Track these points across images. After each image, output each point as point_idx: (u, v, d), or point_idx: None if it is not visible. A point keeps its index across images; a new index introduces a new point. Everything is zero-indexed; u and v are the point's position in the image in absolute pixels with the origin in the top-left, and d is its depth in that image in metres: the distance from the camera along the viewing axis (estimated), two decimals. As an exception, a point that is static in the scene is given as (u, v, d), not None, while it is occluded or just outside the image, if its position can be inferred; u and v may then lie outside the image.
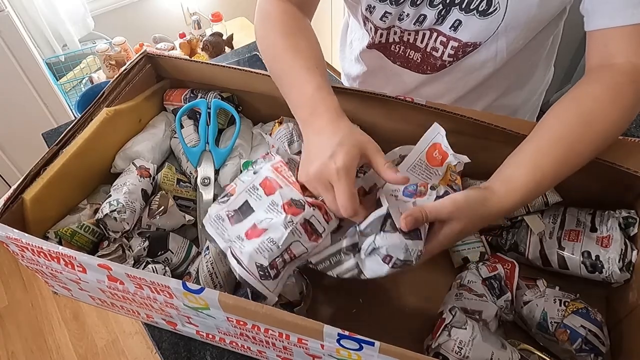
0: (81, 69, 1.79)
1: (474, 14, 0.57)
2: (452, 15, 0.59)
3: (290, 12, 0.63)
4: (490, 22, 0.57)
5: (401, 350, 0.39)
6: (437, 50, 0.64)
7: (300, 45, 0.59)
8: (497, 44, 0.61)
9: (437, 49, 0.64)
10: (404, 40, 0.67)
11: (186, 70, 0.76)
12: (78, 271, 0.49)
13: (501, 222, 0.65)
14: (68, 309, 1.70)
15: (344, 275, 0.48)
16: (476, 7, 0.57)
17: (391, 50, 0.70)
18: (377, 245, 0.45)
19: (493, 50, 0.62)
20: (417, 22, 0.62)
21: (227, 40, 1.77)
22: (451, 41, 0.62)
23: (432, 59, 0.66)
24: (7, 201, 0.53)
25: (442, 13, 0.59)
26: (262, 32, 0.63)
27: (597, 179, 0.62)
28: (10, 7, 1.48)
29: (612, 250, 0.56)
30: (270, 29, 0.62)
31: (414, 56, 0.68)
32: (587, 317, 0.53)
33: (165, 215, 0.61)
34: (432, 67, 0.67)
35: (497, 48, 0.61)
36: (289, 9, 0.63)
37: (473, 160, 0.68)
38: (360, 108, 0.68)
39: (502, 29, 0.58)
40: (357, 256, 0.47)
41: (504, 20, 0.56)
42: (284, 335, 0.45)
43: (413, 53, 0.67)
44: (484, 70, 0.66)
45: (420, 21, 0.62)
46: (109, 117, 0.65)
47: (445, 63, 0.65)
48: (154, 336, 0.62)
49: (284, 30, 0.60)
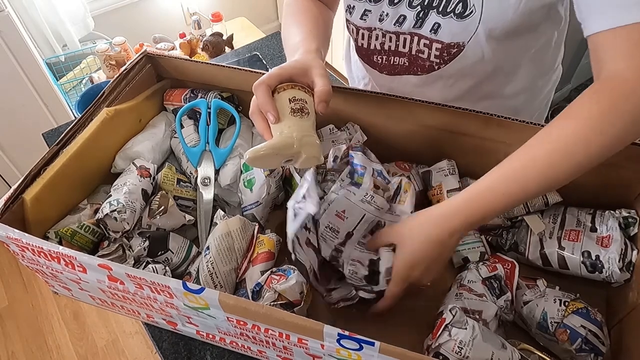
0: (81, 69, 1.79)
1: (451, 17, 0.59)
2: (431, 18, 0.60)
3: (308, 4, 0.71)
4: (468, 24, 0.58)
5: (401, 350, 0.39)
6: (422, 53, 0.65)
7: (300, 18, 0.68)
8: (482, 46, 0.61)
9: (422, 52, 0.65)
10: (385, 49, 0.67)
11: (186, 70, 0.76)
12: (78, 271, 0.50)
13: (501, 222, 0.65)
14: (68, 309, 1.70)
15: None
16: (452, 9, 0.58)
17: (374, 61, 0.71)
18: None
19: (479, 52, 0.62)
20: (397, 22, 0.63)
21: (227, 40, 1.76)
22: (434, 43, 0.62)
23: (420, 60, 0.66)
24: (8, 201, 0.53)
25: (421, 16, 0.60)
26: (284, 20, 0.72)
27: (597, 179, 0.62)
28: (10, 7, 1.48)
29: (612, 250, 0.56)
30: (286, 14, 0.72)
31: (399, 61, 0.68)
32: (587, 317, 0.53)
33: (166, 215, 0.61)
34: (422, 68, 0.67)
35: (482, 50, 0.62)
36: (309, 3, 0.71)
37: (473, 160, 0.68)
38: (360, 108, 0.68)
39: (481, 30, 0.58)
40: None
41: (482, 22, 0.57)
42: (284, 335, 0.45)
43: (398, 59, 0.68)
44: (475, 74, 0.66)
45: (400, 22, 0.62)
46: (109, 117, 0.65)
47: (433, 64, 0.65)
48: (154, 336, 0.62)
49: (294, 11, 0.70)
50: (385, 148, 0.72)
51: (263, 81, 0.54)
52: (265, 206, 0.66)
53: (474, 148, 0.66)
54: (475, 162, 0.68)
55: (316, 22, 0.68)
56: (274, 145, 0.51)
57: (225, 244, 0.58)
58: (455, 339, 0.49)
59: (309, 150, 0.53)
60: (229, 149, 0.70)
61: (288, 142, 0.52)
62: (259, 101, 0.54)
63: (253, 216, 0.65)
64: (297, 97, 0.54)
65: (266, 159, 0.53)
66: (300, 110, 0.53)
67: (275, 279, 0.55)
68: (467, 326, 0.49)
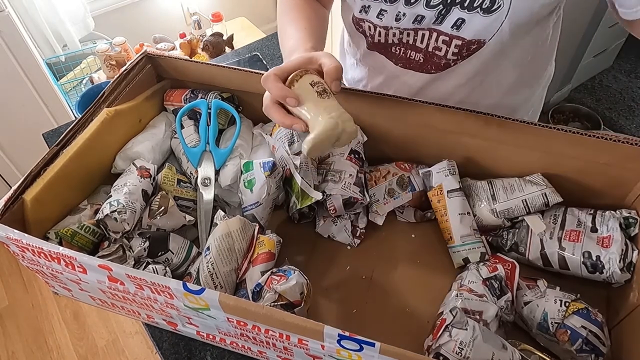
0: (81, 69, 1.79)
1: (477, 12, 0.58)
2: (453, 14, 0.59)
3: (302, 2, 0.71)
4: (494, 19, 0.57)
5: (401, 351, 0.39)
6: (440, 50, 0.64)
7: (296, 15, 0.68)
8: (502, 41, 0.61)
9: (440, 48, 0.64)
10: (403, 42, 0.67)
11: (186, 71, 0.76)
12: (78, 272, 0.49)
13: (501, 223, 0.65)
14: (68, 309, 1.70)
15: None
16: (480, 4, 0.57)
17: (391, 52, 0.70)
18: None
19: (498, 47, 0.62)
20: (416, 21, 0.62)
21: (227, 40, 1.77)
22: (454, 39, 0.62)
23: (435, 58, 0.66)
24: (8, 201, 0.53)
25: (442, 13, 0.59)
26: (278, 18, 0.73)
27: (598, 179, 0.62)
28: (10, 7, 1.48)
29: (612, 251, 0.56)
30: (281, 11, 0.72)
31: (415, 57, 0.68)
32: (587, 318, 0.53)
33: (166, 215, 0.61)
34: (437, 67, 0.67)
35: (502, 45, 0.61)
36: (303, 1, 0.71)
37: (473, 160, 0.68)
38: (360, 108, 0.68)
39: (506, 25, 0.58)
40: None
41: (508, 16, 0.57)
42: (285, 336, 0.45)
43: (414, 54, 0.67)
44: (489, 67, 0.66)
45: (419, 20, 0.62)
46: (109, 117, 0.65)
47: (449, 62, 0.65)
48: (155, 336, 0.62)
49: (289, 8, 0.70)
50: (385, 148, 0.72)
51: (269, 73, 0.52)
52: (266, 207, 0.66)
53: (474, 148, 0.66)
54: (475, 162, 0.68)
55: (309, 21, 0.68)
56: (325, 129, 0.51)
57: (226, 244, 0.58)
58: (455, 340, 0.49)
59: (349, 126, 0.53)
60: (229, 150, 0.70)
61: (333, 123, 0.52)
62: (273, 91, 0.52)
63: (253, 216, 0.65)
64: (315, 80, 0.53)
65: (320, 146, 0.53)
66: (324, 92, 0.53)
67: (275, 279, 0.55)
68: (467, 327, 0.49)
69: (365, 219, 0.68)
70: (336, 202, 0.64)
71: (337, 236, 0.68)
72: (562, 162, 0.62)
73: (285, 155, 0.67)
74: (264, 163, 0.65)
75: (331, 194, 0.64)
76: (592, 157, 0.60)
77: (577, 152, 0.60)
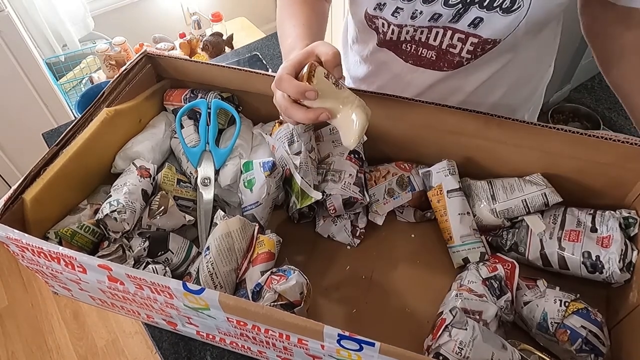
0: (81, 69, 1.79)
1: (496, 11, 0.58)
2: (471, 12, 0.59)
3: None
4: (514, 19, 0.57)
5: (401, 351, 0.39)
6: (454, 47, 0.64)
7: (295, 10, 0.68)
8: (517, 40, 0.61)
9: (454, 46, 0.64)
10: (416, 39, 0.66)
11: (186, 71, 0.76)
12: (78, 271, 0.49)
13: (501, 223, 0.65)
14: (68, 309, 1.70)
15: None
16: (500, 4, 0.57)
17: (402, 49, 0.69)
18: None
19: (510, 46, 0.62)
20: (432, 19, 0.62)
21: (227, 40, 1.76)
22: (470, 37, 0.62)
23: (449, 55, 0.65)
24: (7, 201, 0.53)
25: (460, 11, 0.59)
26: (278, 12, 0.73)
27: (597, 179, 0.62)
28: (10, 7, 1.48)
29: (612, 251, 0.56)
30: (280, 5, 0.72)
31: (427, 54, 0.67)
32: (587, 318, 0.53)
33: (166, 215, 0.61)
34: (450, 64, 0.67)
35: (514, 44, 0.61)
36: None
37: (473, 160, 0.68)
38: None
39: (523, 24, 0.58)
40: None
41: (527, 16, 0.57)
42: (284, 336, 0.45)
43: (426, 51, 0.67)
44: (499, 65, 0.66)
45: (435, 19, 0.62)
46: (109, 117, 0.65)
47: (463, 60, 0.65)
48: (154, 336, 0.62)
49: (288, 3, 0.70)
50: (385, 148, 0.72)
51: (282, 75, 0.52)
52: (266, 206, 0.66)
53: (474, 148, 0.66)
54: (475, 162, 0.68)
55: (308, 16, 0.67)
56: (362, 122, 0.53)
57: (225, 244, 0.58)
58: (455, 340, 0.49)
59: (368, 110, 0.55)
60: (229, 149, 0.70)
61: (364, 111, 0.53)
62: (291, 89, 0.51)
63: (253, 216, 0.65)
64: (326, 72, 0.54)
65: (361, 137, 0.55)
66: (337, 82, 0.54)
67: (275, 279, 0.55)
68: (467, 327, 0.49)
69: (365, 219, 0.68)
70: (336, 202, 0.64)
71: (336, 236, 0.68)
72: (561, 162, 0.62)
73: (285, 155, 0.67)
74: (263, 163, 0.65)
75: (331, 193, 0.64)
76: (592, 157, 0.60)
77: (576, 152, 0.60)
